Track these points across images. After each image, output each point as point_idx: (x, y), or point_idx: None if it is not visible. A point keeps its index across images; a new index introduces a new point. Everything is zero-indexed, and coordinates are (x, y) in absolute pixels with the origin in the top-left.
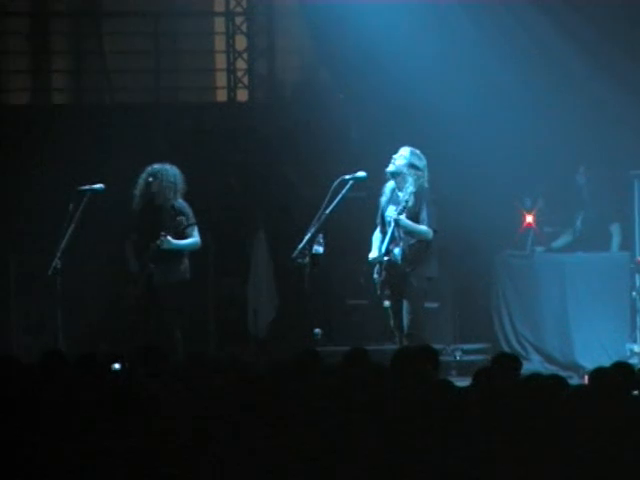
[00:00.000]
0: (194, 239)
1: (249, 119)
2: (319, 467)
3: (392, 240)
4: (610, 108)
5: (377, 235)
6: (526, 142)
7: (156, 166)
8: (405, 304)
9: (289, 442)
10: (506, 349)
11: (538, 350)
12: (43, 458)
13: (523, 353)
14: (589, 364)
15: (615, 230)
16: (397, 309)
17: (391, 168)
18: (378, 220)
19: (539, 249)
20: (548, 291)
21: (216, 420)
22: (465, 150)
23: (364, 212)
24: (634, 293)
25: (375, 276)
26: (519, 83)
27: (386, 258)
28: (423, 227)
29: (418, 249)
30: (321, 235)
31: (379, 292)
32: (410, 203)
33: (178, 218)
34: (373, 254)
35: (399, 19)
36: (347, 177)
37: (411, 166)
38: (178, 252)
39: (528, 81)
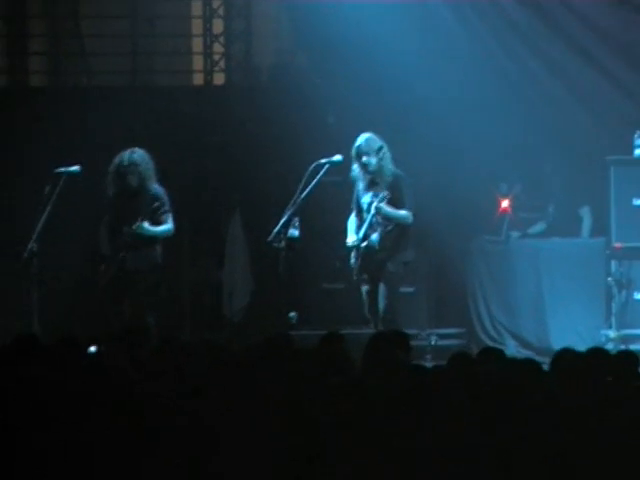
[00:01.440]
0: (168, 226)
1: (225, 103)
2: (293, 451)
3: (370, 226)
4: (584, 91)
5: (353, 220)
6: (504, 127)
7: (126, 157)
8: (381, 288)
9: (264, 425)
10: (481, 334)
11: (513, 335)
12: (14, 442)
13: (498, 338)
14: None
15: (585, 213)
16: (374, 294)
17: (372, 168)
18: (354, 205)
19: (515, 234)
20: (524, 276)
21: (190, 402)
22: (443, 135)
23: (340, 196)
24: (610, 279)
25: (352, 261)
26: (498, 69)
27: (364, 244)
28: (403, 212)
29: (396, 234)
30: (297, 219)
31: (356, 277)
32: (390, 179)
33: (155, 204)
34: (350, 239)
35: (379, 4)
36: (323, 161)
37: (378, 151)
38: (151, 238)
39: (507, 67)
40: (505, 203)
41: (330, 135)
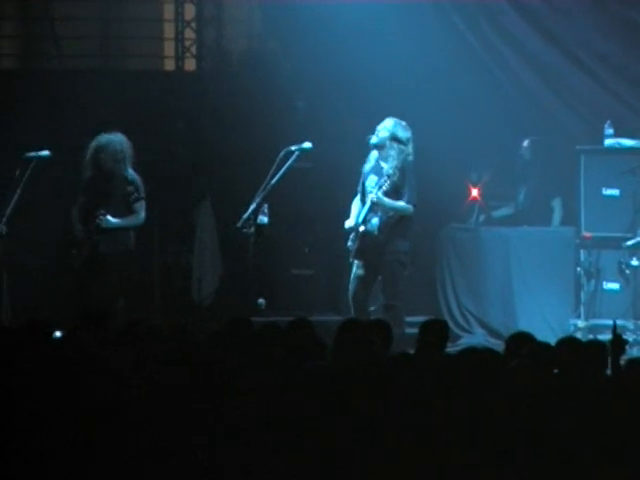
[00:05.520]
0: (138, 216)
1: (196, 88)
2: (254, 437)
3: (371, 209)
4: (557, 81)
5: (357, 202)
6: (474, 115)
7: (102, 139)
8: (382, 276)
9: (229, 411)
10: (450, 322)
11: (482, 324)
12: None
13: (466, 326)
14: None
15: (557, 205)
16: (369, 279)
17: (374, 140)
18: (359, 188)
19: (480, 217)
20: (493, 265)
21: (155, 387)
22: (414, 123)
23: (309, 183)
24: (579, 268)
25: (349, 243)
26: (468, 55)
27: (362, 228)
28: (401, 204)
29: (396, 221)
30: (266, 205)
31: (352, 259)
32: (395, 178)
33: (129, 188)
34: (350, 222)
35: None
36: (293, 148)
37: (394, 139)
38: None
39: (481, 56)
40: (475, 191)
41: (300, 121)
